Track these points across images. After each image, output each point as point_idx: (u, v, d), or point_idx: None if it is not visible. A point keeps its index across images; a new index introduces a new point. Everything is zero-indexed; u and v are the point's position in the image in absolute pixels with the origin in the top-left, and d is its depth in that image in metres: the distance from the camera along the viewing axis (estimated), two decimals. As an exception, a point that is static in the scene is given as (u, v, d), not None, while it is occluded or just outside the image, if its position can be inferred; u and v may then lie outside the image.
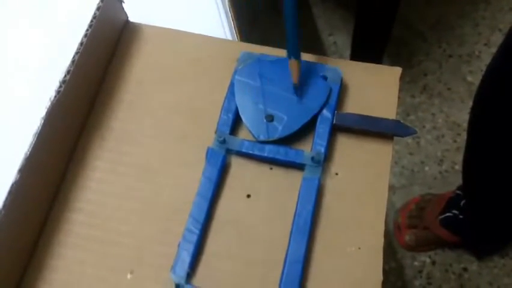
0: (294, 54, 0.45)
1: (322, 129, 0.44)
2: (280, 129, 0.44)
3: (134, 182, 0.44)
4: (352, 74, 0.47)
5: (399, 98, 1.37)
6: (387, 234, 1.24)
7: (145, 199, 0.43)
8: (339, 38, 1.44)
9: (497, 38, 1.41)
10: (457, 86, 1.37)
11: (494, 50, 1.40)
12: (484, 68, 1.37)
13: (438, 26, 1.43)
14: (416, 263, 1.22)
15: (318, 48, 1.40)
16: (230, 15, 0.52)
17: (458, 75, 1.38)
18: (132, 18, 0.51)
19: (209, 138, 0.45)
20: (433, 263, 1.22)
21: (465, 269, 1.21)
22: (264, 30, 1.42)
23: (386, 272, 1.21)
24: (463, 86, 1.36)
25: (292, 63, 0.45)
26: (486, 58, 1.39)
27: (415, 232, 1.18)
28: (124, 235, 0.42)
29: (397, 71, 0.47)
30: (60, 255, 0.41)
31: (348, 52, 1.36)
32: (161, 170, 0.44)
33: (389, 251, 1.23)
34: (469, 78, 1.37)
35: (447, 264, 1.22)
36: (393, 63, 1.36)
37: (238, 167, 0.44)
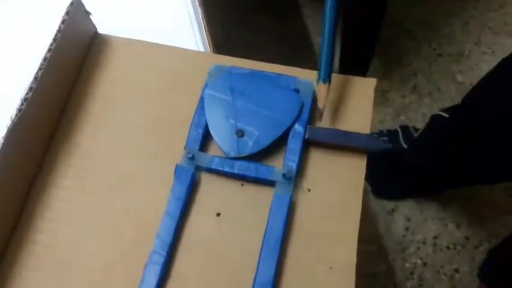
0: (325, 78, 0.43)
1: (294, 144, 0.43)
2: (251, 145, 0.43)
3: (101, 200, 0.43)
4: (325, 87, 0.46)
5: (388, 98, 1.36)
6: (377, 237, 1.24)
7: (111, 218, 0.42)
8: (328, 38, 1.42)
9: (487, 37, 1.40)
10: (446, 85, 1.36)
11: (484, 49, 1.39)
12: (474, 68, 1.36)
13: (427, 25, 1.42)
14: (407, 265, 1.22)
15: (307, 49, 1.39)
16: (203, 25, 0.50)
17: (448, 75, 1.37)
18: (102, 30, 0.50)
19: (179, 155, 0.44)
20: (424, 264, 1.21)
21: (456, 270, 1.20)
22: (253, 30, 1.41)
23: (376, 274, 1.20)
24: (452, 85, 1.35)
25: (321, 88, 0.43)
26: (476, 57, 1.38)
27: None
28: (88, 256, 0.41)
29: (372, 82, 0.46)
30: (22, 277, 0.40)
31: (338, 52, 1.34)
32: (129, 187, 0.43)
33: (380, 253, 1.22)
34: (459, 78, 1.36)
35: (438, 266, 1.21)
36: (383, 64, 1.35)
37: (208, 184, 0.43)
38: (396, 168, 1.19)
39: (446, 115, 0.93)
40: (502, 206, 1.23)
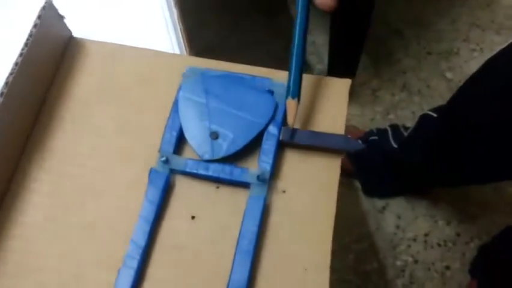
0: (294, 94, 0.42)
1: (268, 145, 0.43)
2: (225, 147, 0.43)
3: (76, 204, 0.43)
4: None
5: (378, 96, 1.36)
6: (367, 235, 1.24)
7: (86, 223, 0.42)
8: (318, 37, 1.43)
9: (475, 34, 1.40)
10: (436, 83, 1.36)
11: (472, 46, 1.40)
12: (463, 65, 1.37)
13: (416, 23, 1.42)
14: (398, 263, 1.22)
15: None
16: (179, 27, 0.50)
17: (437, 72, 1.37)
18: (79, 33, 0.50)
19: (154, 158, 0.44)
20: (416, 261, 1.22)
21: (447, 267, 1.20)
22: (244, 30, 1.41)
23: (368, 273, 1.20)
24: (442, 82, 1.36)
25: (290, 104, 0.42)
26: (465, 54, 1.38)
27: None
28: (62, 261, 0.41)
29: (346, 83, 0.46)
30: (-4, 285, 0.40)
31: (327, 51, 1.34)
32: (103, 191, 0.43)
33: (371, 251, 1.22)
34: (448, 75, 1.36)
35: (429, 263, 1.21)
36: (372, 62, 1.35)
37: (183, 188, 0.43)
38: (386, 167, 1.19)
39: (435, 115, 0.94)
40: (492, 203, 1.24)
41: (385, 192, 1.27)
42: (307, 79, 0.45)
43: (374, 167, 1.22)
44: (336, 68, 1.24)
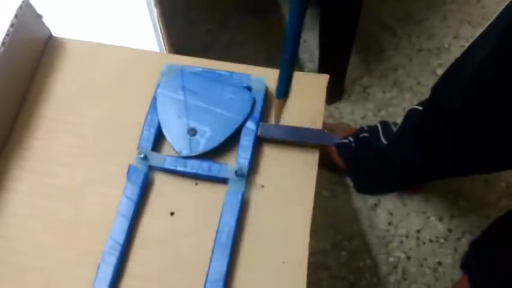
0: (283, 94, 0.41)
1: (246, 141, 0.43)
2: (203, 143, 0.43)
3: (56, 203, 0.43)
4: (278, 83, 0.46)
5: (369, 94, 1.36)
6: (360, 233, 1.24)
7: (67, 220, 0.42)
8: (308, 36, 1.43)
9: (466, 31, 1.40)
10: (427, 79, 1.36)
11: (463, 42, 1.40)
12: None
13: (406, 20, 1.43)
14: (391, 259, 1.22)
15: (287, 46, 1.39)
16: (158, 26, 0.50)
17: (428, 69, 1.37)
18: (59, 33, 0.50)
19: (133, 155, 0.44)
20: (408, 258, 1.22)
21: (440, 263, 1.20)
22: (233, 29, 1.41)
23: (361, 269, 1.20)
24: (433, 79, 1.35)
25: (277, 104, 0.42)
26: (455, 51, 1.38)
27: None
28: (43, 259, 0.41)
29: (324, 78, 0.46)
30: (-24, 283, 0.40)
31: (317, 50, 1.35)
32: (84, 189, 0.43)
33: (364, 248, 1.22)
34: (439, 72, 1.36)
35: (422, 259, 1.21)
36: (363, 59, 1.35)
37: (162, 184, 0.43)
38: (377, 164, 1.20)
39: (420, 108, 0.94)
40: (483, 197, 1.24)
41: (377, 189, 1.27)
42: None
43: (365, 164, 1.22)
44: (327, 66, 1.24)
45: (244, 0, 1.48)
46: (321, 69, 1.26)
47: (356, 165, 1.23)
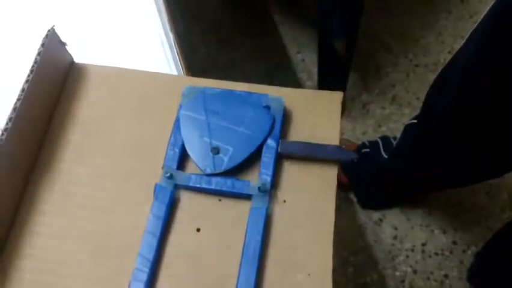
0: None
1: (267, 158, 0.45)
2: (226, 161, 0.45)
3: (85, 223, 0.44)
4: (295, 102, 0.48)
5: (369, 110, 1.38)
6: (365, 248, 1.25)
7: (96, 240, 0.43)
8: (306, 55, 1.46)
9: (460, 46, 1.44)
10: (425, 94, 1.39)
11: (458, 57, 1.43)
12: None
13: (403, 37, 1.46)
14: (397, 273, 1.23)
15: (287, 66, 1.41)
16: (175, 50, 0.52)
17: (425, 84, 1.40)
18: (80, 59, 0.52)
19: (158, 175, 0.45)
20: (414, 271, 1.23)
21: (446, 276, 1.21)
22: (233, 50, 1.44)
23: (368, 285, 1.21)
24: (430, 94, 1.38)
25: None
26: (451, 66, 1.41)
27: None
28: (75, 278, 0.42)
29: (338, 95, 0.48)
30: (11, 304, 0.41)
31: (316, 69, 1.37)
32: (111, 209, 0.45)
33: (370, 263, 1.23)
34: (436, 87, 1.39)
35: (428, 272, 1.22)
36: (361, 76, 1.38)
37: (187, 201, 0.45)
38: (379, 178, 1.21)
39: (416, 121, 0.96)
40: (485, 208, 1.26)
41: (380, 203, 1.28)
42: (301, 93, 0.48)
43: (368, 179, 1.24)
44: (326, 85, 1.27)
45: (242, 22, 1.52)
46: (321, 88, 1.29)
47: (359, 180, 1.25)
